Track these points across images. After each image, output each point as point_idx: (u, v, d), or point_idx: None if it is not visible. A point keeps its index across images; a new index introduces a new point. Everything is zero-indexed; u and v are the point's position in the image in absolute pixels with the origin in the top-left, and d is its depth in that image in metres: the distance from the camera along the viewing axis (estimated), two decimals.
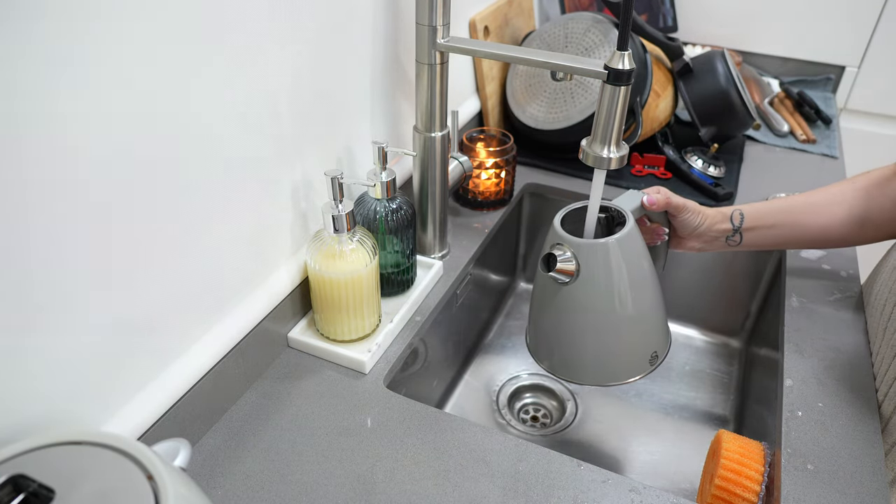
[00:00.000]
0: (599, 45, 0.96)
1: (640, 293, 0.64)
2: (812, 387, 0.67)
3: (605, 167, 0.62)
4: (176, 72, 0.48)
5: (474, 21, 0.96)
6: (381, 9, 0.72)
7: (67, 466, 0.36)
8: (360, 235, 0.65)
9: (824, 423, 0.63)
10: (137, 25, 0.44)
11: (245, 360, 0.63)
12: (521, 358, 0.97)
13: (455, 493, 0.56)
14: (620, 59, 0.57)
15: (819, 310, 0.77)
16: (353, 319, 0.68)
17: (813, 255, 0.86)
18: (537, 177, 1.04)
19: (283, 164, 0.63)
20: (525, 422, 0.88)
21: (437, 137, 0.74)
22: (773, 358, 0.76)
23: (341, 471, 0.57)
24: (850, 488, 0.57)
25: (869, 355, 0.70)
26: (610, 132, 0.61)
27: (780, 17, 1.38)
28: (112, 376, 0.50)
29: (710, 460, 0.67)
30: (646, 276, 0.65)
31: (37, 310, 0.42)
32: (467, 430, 0.61)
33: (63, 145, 0.41)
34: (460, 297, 0.85)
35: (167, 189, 0.50)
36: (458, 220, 0.93)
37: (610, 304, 0.63)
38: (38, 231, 0.41)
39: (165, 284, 0.53)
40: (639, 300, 0.64)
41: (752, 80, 1.31)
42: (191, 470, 0.57)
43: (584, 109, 0.96)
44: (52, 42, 0.39)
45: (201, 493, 0.40)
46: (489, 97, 1.04)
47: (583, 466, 0.58)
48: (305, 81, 0.63)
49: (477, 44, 0.69)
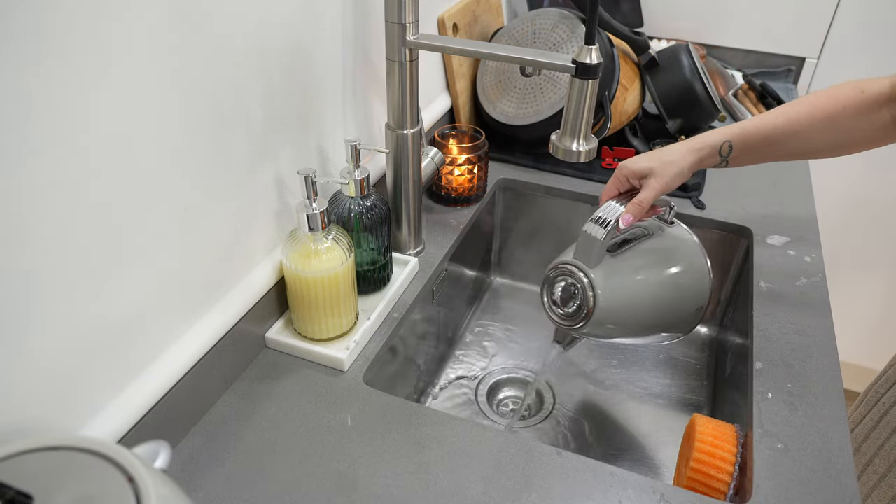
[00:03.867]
0: (567, 41, 0.97)
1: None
2: (780, 369, 0.69)
3: (574, 160, 0.63)
4: (145, 70, 0.47)
5: (443, 18, 0.97)
6: (350, 7, 0.72)
7: (45, 472, 0.36)
8: (335, 234, 0.65)
9: (793, 403, 0.65)
10: (114, 25, 0.43)
11: (223, 361, 0.63)
12: (499, 352, 0.98)
13: (436, 486, 0.56)
14: (588, 54, 0.58)
15: (786, 294, 0.80)
16: (330, 318, 0.68)
17: (778, 241, 0.89)
18: (510, 172, 1.04)
19: (256, 163, 0.63)
20: (504, 415, 0.89)
21: (409, 134, 0.74)
22: (744, 343, 0.78)
23: (322, 469, 0.58)
24: (819, 464, 0.59)
25: (833, 338, 0.73)
26: (579, 126, 0.62)
27: (742, 11, 1.41)
28: (88, 380, 0.49)
29: (686, 444, 0.69)
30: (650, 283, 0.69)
31: (10, 315, 0.42)
32: (447, 424, 0.62)
33: (41, 143, 0.41)
34: (436, 293, 0.86)
35: (139, 190, 0.50)
36: (432, 217, 0.93)
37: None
38: (8, 234, 0.41)
39: (140, 287, 0.52)
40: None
41: (717, 72, 1.34)
42: (171, 472, 0.56)
43: (555, 104, 0.97)
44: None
45: (183, 495, 0.40)
46: (460, 94, 1.05)
47: (562, 455, 0.59)
48: (276, 81, 0.63)
49: (446, 40, 0.70)
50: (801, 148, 0.72)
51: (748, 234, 0.92)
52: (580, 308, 0.67)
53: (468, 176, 0.94)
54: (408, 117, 0.73)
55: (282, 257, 0.65)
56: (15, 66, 0.38)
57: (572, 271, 0.67)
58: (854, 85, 0.69)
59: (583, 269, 0.66)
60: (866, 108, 0.68)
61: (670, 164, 0.68)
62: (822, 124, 0.69)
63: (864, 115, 0.68)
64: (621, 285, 0.67)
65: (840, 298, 1.54)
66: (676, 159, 0.69)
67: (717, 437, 0.64)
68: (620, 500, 0.56)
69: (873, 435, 0.89)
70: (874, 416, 0.91)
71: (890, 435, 0.86)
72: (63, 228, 0.44)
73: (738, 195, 0.99)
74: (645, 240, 0.71)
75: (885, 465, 0.86)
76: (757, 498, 0.56)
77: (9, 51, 0.38)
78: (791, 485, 0.57)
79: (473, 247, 0.99)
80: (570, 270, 0.67)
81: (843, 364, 0.78)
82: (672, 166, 0.68)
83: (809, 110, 0.70)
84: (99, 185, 0.46)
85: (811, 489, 0.57)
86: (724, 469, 0.61)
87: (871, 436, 0.90)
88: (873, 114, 0.67)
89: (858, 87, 0.69)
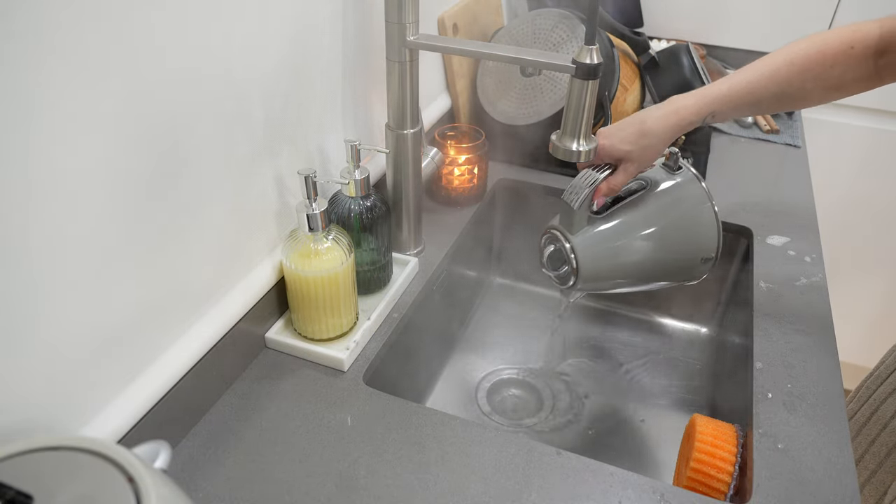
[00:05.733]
0: (567, 41, 0.97)
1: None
2: (780, 369, 0.69)
3: (574, 160, 0.63)
4: (146, 74, 0.48)
5: (443, 18, 0.97)
6: (350, 7, 0.72)
7: (46, 472, 0.36)
8: (336, 234, 0.65)
9: (793, 403, 0.65)
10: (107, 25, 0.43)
11: (223, 361, 0.63)
12: (499, 352, 0.98)
13: (436, 486, 0.56)
14: (588, 54, 0.58)
15: (786, 294, 0.79)
16: (330, 318, 0.68)
17: (778, 241, 0.89)
18: (510, 172, 1.04)
19: (256, 164, 0.63)
20: (505, 414, 0.89)
21: (409, 134, 0.74)
22: (744, 343, 0.78)
23: (323, 469, 0.58)
24: (819, 464, 0.59)
25: (833, 338, 0.73)
26: (579, 126, 0.62)
27: (742, 11, 1.41)
28: (88, 381, 0.49)
29: (686, 444, 0.69)
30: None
31: (10, 315, 0.42)
32: (447, 424, 0.62)
33: (41, 142, 0.41)
34: (437, 292, 0.86)
35: (139, 191, 0.50)
36: (432, 217, 0.93)
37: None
38: (8, 234, 0.41)
39: (140, 287, 0.52)
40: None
41: (717, 72, 1.34)
42: (171, 473, 0.56)
43: (555, 104, 0.97)
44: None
45: (183, 495, 0.40)
46: (460, 94, 1.05)
47: (562, 455, 0.59)
48: (277, 81, 0.63)
49: (446, 40, 0.70)
50: (786, 104, 0.70)
51: (748, 234, 0.92)
52: (568, 271, 0.70)
53: (468, 176, 0.94)
54: (408, 117, 0.73)
55: (282, 257, 0.65)
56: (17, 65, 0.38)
57: (556, 237, 0.70)
58: (839, 39, 0.66)
59: (565, 235, 0.68)
60: (854, 62, 0.66)
61: (648, 147, 0.67)
62: (811, 81, 0.67)
63: (851, 67, 0.66)
64: (606, 248, 0.69)
65: (840, 298, 1.54)
66: (655, 143, 0.68)
67: (717, 437, 0.64)
68: (620, 500, 0.56)
69: (864, 431, 0.89)
70: (865, 412, 0.91)
71: (880, 431, 0.86)
72: (63, 228, 0.44)
73: (738, 195, 0.99)
74: (643, 193, 0.71)
75: (876, 461, 0.86)
76: (757, 498, 0.56)
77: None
78: (791, 485, 0.57)
79: (473, 247, 0.99)
80: (555, 236, 0.70)
81: (842, 364, 0.79)
82: (650, 150, 0.68)
83: (799, 65, 0.67)
84: (99, 185, 0.46)
85: (811, 489, 0.57)
86: (724, 469, 0.61)
87: (862, 432, 0.90)
88: (860, 66, 0.66)
89: (846, 41, 0.66)
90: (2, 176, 0.39)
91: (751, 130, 1.20)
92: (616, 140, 0.67)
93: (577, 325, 1.03)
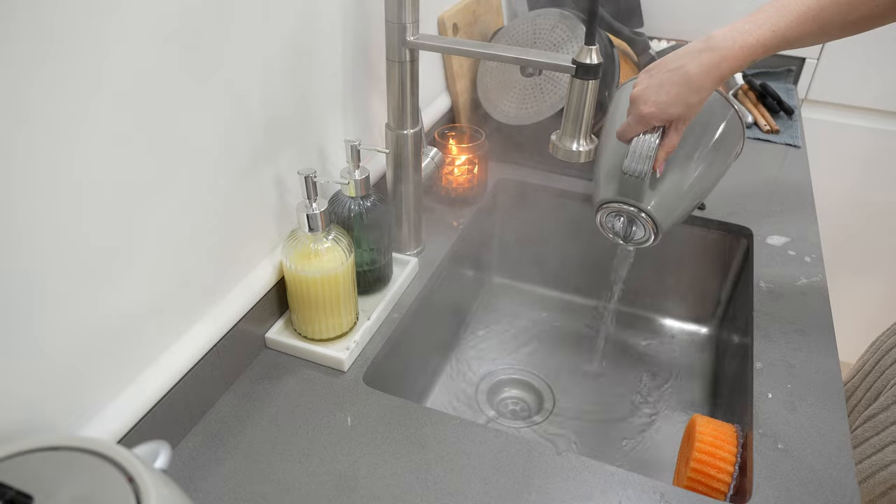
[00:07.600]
0: (567, 41, 0.97)
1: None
2: (781, 369, 0.69)
3: (574, 160, 0.63)
4: (147, 74, 0.47)
5: (443, 18, 0.97)
6: (350, 7, 0.72)
7: (45, 472, 0.36)
8: (336, 234, 0.65)
9: (793, 403, 0.65)
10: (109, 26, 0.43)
11: (223, 361, 0.63)
12: (499, 351, 0.98)
13: (436, 486, 0.56)
14: (588, 54, 0.58)
15: (786, 294, 0.79)
16: (330, 318, 0.68)
17: (778, 241, 0.89)
18: (510, 172, 1.04)
19: (256, 164, 0.63)
20: (505, 414, 0.89)
21: (408, 134, 0.74)
22: (744, 343, 0.78)
23: (323, 469, 0.58)
24: (819, 465, 0.59)
25: (833, 338, 0.73)
26: (579, 126, 0.62)
27: (742, 11, 1.40)
28: (89, 380, 0.49)
29: (686, 444, 0.69)
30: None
31: (11, 315, 0.42)
32: (447, 424, 0.62)
33: (41, 142, 0.41)
34: (437, 292, 0.86)
35: (139, 190, 0.50)
36: (432, 217, 0.93)
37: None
38: (8, 234, 0.41)
39: (140, 287, 0.52)
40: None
41: None
42: (171, 473, 0.56)
43: (555, 104, 0.97)
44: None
45: (183, 495, 0.40)
46: (460, 94, 1.05)
47: (562, 455, 0.59)
48: (276, 82, 0.63)
49: (446, 40, 0.70)
50: (825, 40, 0.69)
51: (748, 234, 0.92)
52: (645, 234, 0.74)
53: (468, 176, 0.94)
54: (408, 117, 0.73)
55: (282, 257, 0.65)
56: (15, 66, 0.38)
57: (621, 209, 0.72)
58: None
59: (636, 205, 0.71)
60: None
61: (696, 104, 0.66)
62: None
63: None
64: (675, 196, 0.72)
65: (840, 298, 1.54)
66: (704, 97, 0.66)
67: (717, 437, 0.64)
68: (620, 500, 0.56)
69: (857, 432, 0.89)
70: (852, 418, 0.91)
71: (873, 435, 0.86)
72: (63, 228, 0.44)
73: (738, 195, 0.99)
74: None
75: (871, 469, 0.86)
76: (757, 498, 0.56)
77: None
78: (791, 485, 0.57)
79: (473, 247, 0.99)
80: (619, 209, 0.72)
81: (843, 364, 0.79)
82: (696, 108, 0.66)
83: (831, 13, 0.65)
84: (99, 185, 0.46)
85: (811, 489, 0.57)
86: (724, 469, 0.61)
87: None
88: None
89: None
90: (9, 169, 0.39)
91: (751, 130, 1.20)
92: (662, 105, 0.65)
93: (577, 325, 1.03)
